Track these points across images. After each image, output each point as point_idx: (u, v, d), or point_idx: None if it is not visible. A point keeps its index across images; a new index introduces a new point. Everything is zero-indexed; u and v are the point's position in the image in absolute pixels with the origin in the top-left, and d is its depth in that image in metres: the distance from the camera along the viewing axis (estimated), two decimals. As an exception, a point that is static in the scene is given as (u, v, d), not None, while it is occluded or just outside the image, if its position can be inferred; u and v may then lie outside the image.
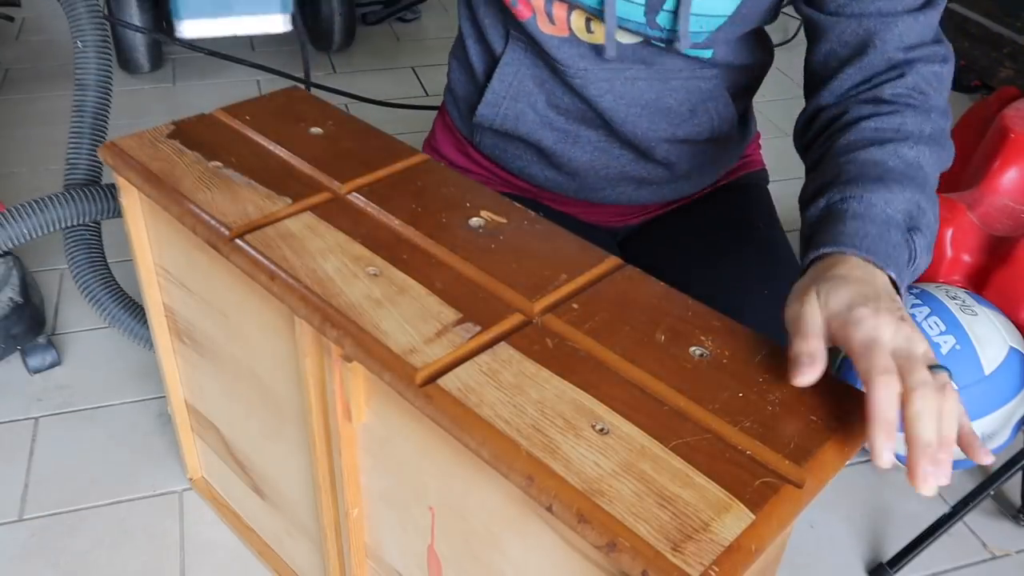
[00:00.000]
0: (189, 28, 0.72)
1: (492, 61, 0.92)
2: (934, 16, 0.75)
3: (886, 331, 0.55)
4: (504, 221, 0.74)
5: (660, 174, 0.93)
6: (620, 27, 0.82)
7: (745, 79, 0.92)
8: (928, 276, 1.29)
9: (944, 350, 1.12)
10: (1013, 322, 1.19)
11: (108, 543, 1.06)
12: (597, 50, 0.85)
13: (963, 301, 1.17)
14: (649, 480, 0.51)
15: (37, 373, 1.29)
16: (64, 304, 1.43)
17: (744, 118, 0.98)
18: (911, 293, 1.20)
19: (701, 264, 0.91)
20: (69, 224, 1.04)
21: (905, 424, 0.54)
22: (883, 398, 0.53)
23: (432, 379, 0.58)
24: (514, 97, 0.91)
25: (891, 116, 0.72)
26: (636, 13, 0.80)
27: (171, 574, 1.03)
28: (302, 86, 0.98)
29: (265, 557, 1.02)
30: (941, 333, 1.13)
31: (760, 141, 1.09)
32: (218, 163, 0.80)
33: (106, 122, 1.04)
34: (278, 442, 0.85)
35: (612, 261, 0.70)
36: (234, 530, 1.06)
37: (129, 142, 0.83)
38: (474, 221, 0.74)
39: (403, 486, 0.69)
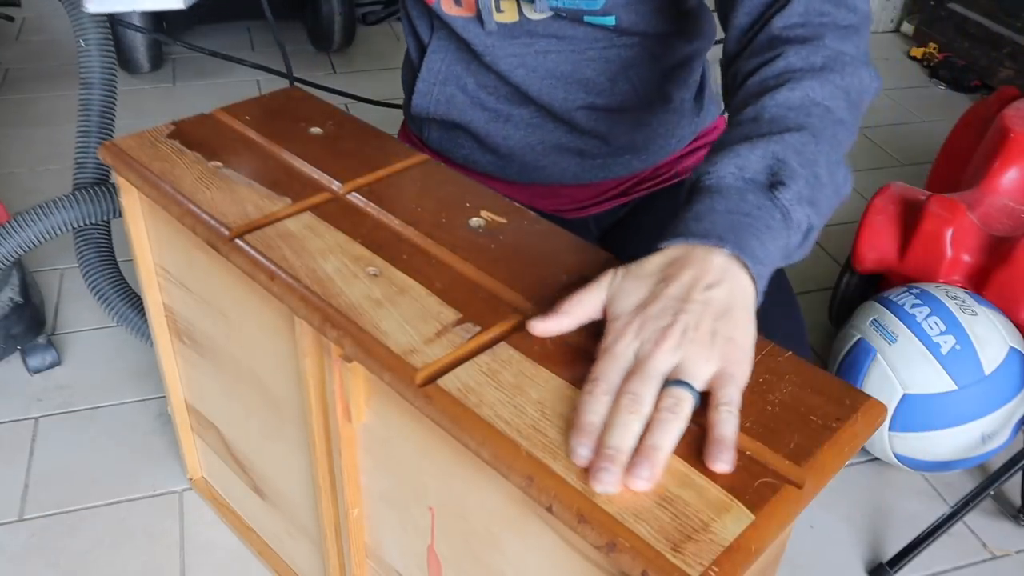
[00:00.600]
0: (93, 4, 0.75)
1: (424, 53, 0.94)
2: None
3: (623, 342, 0.55)
4: (504, 221, 0.74)
5: (596, 146, 0.94)
6: (523, 0, 0.84)
7: (675, 50, 0.91)
8: (928, 276, 1.29)
9: (944, 350, 1.12)
10: (1013, 322, 1.19)
11: (108, 543, 1.06)
12: (506, 27, 0.86)
13: (963, 301, 1.17)
14: (649, 480, 0.51)
15: (37, 373, 1.29)
16: (64, 304, 1.43)
17: (699, 95, 0.98)
18: (911, 293, 1.20)
19: None
20: (76, 226, 1.04)
21: None
22: (581, 403, 0.54)
23: (432, 379, 0.58)
24: (443, 82, 0.93)
25: (775, 62, 0.67)
26: None
27: (171, 574, 1.03)
28: (302, 86, 0.99)
29: (265, 557, 1.02)
30: (941, 333, 1.13)
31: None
32: (218, 163, 0.80)
33: (112, 120, 1.04)
34: (278, 442, 0.85)
35: (612, 261, 0.70)
36: (234, 530, 1.06)
37: (129, 142, 0.83)
38: (474, 221, 0.74)
39: (403, 486, 0.69)
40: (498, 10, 0.85)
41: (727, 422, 0.52)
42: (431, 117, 0.96)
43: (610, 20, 0.85)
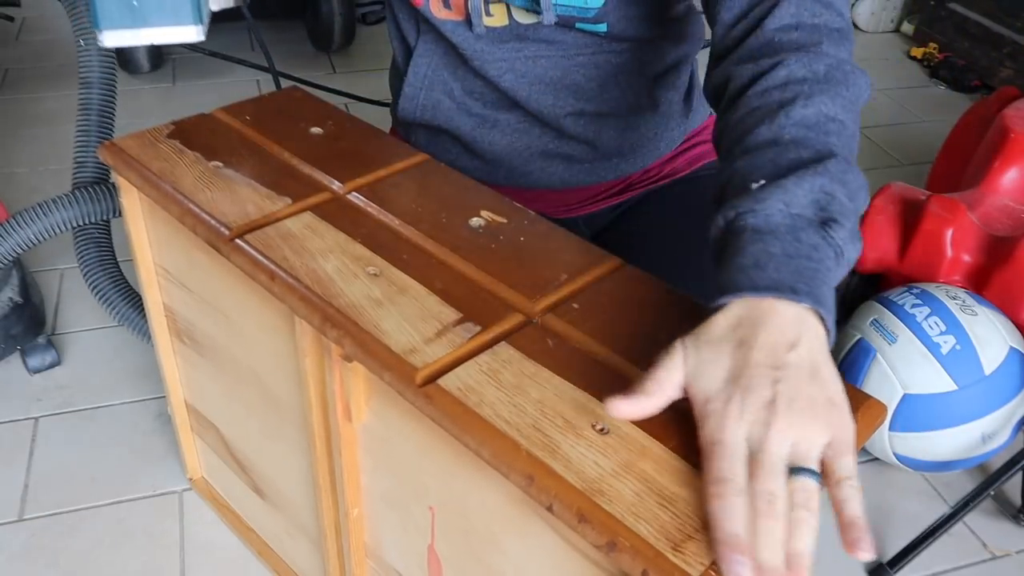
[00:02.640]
0: (109, 38, 0.74)
1: (410, 56, 0.94)
2: None
3: (729, 429, 0.50)
4: (504, 221, 0.74)
5: (584, 151, 0.93)
6: (513, 5, 0.84)
7: (664, 53, 0.90)
8: (928, 276, 1.29)
9: (944, 350, 1.12)
10: (1013, 322, 1.19)
11: (108, 543, 1.06)
12: (495, 32, 0.86)
13: (963, 301, 1.17)
14: (649, 480, 0.51)
15: (37, 373, 1.29)
16: (64, 304, 1.43)
17: (688, 97, 0.98)
18: (911, 293, 1.20)
19: (669, 271, 0.90)
20: (76, 225, 1.04)
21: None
22: (717, 510, 0.48)
23: (432, 379, 0.58)
24: (429, 87, 0.93)
25: (774, 71, 0.63)
26: None
27: (171, 574, 1.03)
28: (302, 86, 0.98)
29: (265, 557, 1.02)
30: (941, 333, 1.13)
31: None
32: (218, 163, 0.80)
33: (112, 119, 1.04)
34: (278, 442, 0.85)
35: (612, 261, 0.70)
36: (234, 530, 1.06)
37: (129, 142, 0.83)
38: (474, 221, 0.74)
39: (403, 486, 0.69)
40: (487, 14, 0.85)
41: (853, 499, 0.48)
42: (417, 122, 0.96)
43: (602, 27, 0.84)
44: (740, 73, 0.66)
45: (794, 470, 0.49)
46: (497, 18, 0.85)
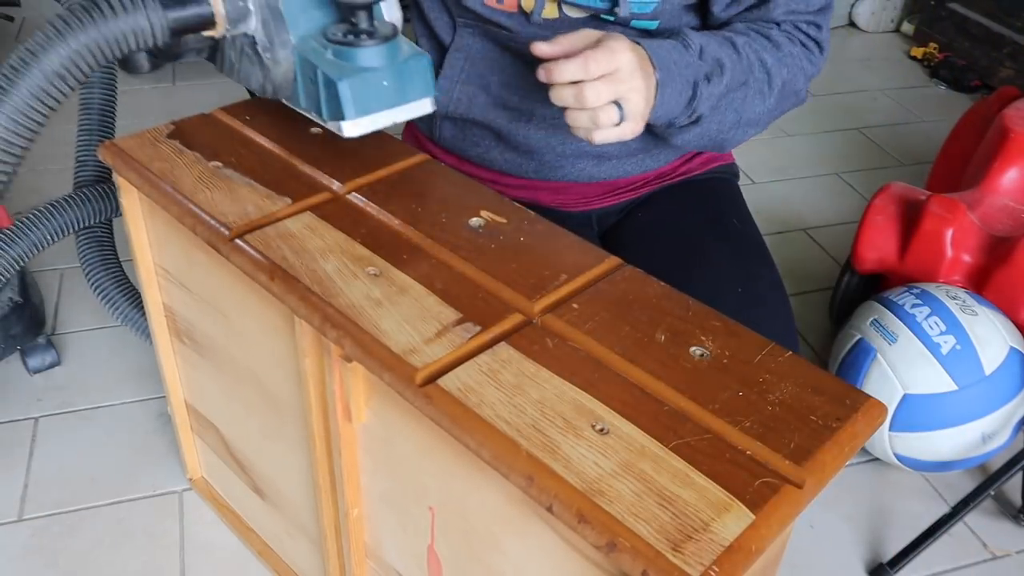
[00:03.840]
0: (350, 128, 0.70)
1: (443, 52, 0.94)
2: (823, 16, 0.88)
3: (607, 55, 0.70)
4: (504, 221, 0.74)
5: (616, 147, 0.94)
6: (567, 2, 0.84)
7: None
8: (928, 276, 1.29)
9: (944, 350, 1.12)
10: (1013, 322, 1.19)
11: (108, 543, 1.06)
12: (549, 22, 0.86)
13: (963, 301, 1.17)
14: (649, 480, 0.51)
15: (37, 373, 1.29)
16: (64, 304, 1.43)
17: None
18: (911, 293, 1.20)
19: (676, 265, 0.91)
20: (82, 225, 1.04)
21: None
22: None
23: (432, 379, 0.58)
24: (465, 81, 0.93)
25: (763, 30, 0.85)
26: None
27: (171, 574, 1.03)
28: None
29: (265, 557, 1.02)
30: (941, 333, 1.13)
31: None
32: (218, 163, 0.80)
33: (113, 118, 1.04)
34: (278, 442, 0.85)
35: (612, 261, 0.70)
36: (234, 530, 1.06)
37: (129, 142, 0.83)
38: (474, 221, 0.74)
39: (403, 486, 0.69)
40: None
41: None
42: (448, 116, 0.96)
43: (653, 24, 0.86)
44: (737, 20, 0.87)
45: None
46: (548, 11, 0.86)
